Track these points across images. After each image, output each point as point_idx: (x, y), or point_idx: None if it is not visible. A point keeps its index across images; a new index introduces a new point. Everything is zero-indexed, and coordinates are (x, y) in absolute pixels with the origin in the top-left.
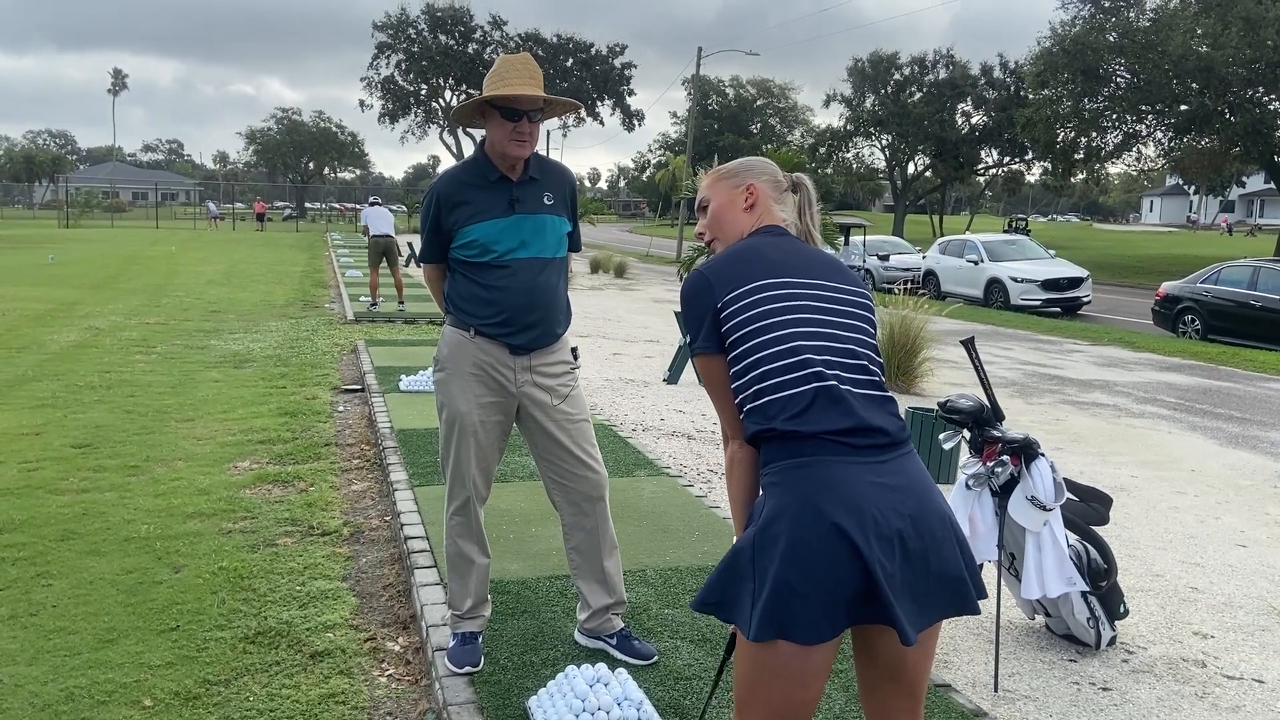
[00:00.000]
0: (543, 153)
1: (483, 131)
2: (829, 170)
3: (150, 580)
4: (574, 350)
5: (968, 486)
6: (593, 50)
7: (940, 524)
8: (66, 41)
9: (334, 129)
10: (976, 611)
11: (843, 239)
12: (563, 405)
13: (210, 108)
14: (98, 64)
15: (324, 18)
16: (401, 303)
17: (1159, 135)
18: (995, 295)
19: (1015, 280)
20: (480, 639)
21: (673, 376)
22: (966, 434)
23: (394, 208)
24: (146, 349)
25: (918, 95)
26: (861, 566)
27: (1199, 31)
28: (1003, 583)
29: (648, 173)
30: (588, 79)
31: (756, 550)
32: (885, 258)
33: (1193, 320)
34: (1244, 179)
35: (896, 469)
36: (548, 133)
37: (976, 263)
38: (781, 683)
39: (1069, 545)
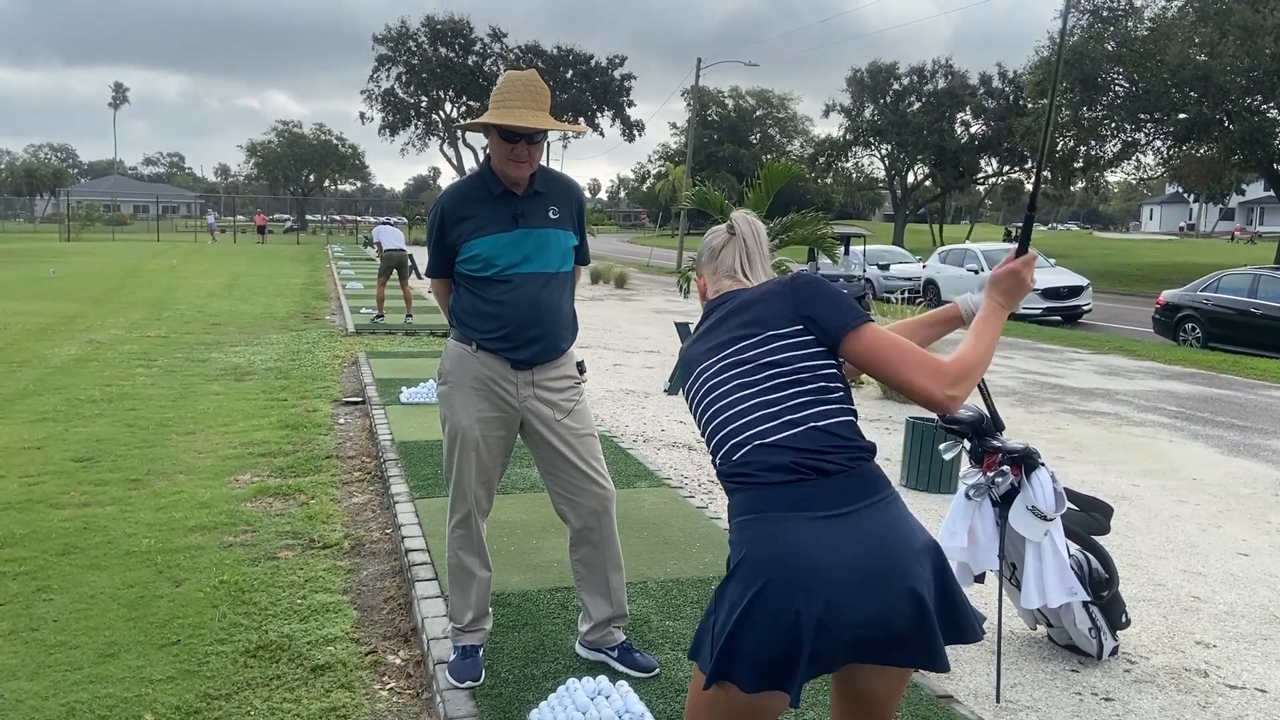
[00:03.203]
0: (546, 165)
1: (485, 141)
2: (829, 180)
3: (151, 594)
4: (580, 364)
5: (968, 497)
6: (592, 62)
7: (902, 588)
8: (74, 56)
9: (334, 141)
10: (937, 668)
11: (843, 248)
12: (567, 420)
13: (215, 121)
14: (105, 78)
15: (330, 31)
16: (409, 315)
17: (1158, 143)
18: None
19: None
20: (481, 652)
21: (673, 387)
22: (967, 444)
23: (395, 219)
24: (147, 362)
25: (917, 105)
26: (798, 645)
27: (1197, 40)
28: (1004, 593)
29: (648, 183)
30: (587, 90)
31: (722, 590)
32: (885, 267)
33: (1193, 328)
34: (1243, 187)
35: (857, 525)
36: (547, 144)
37: (977, 272)
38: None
39: (1070, 555)
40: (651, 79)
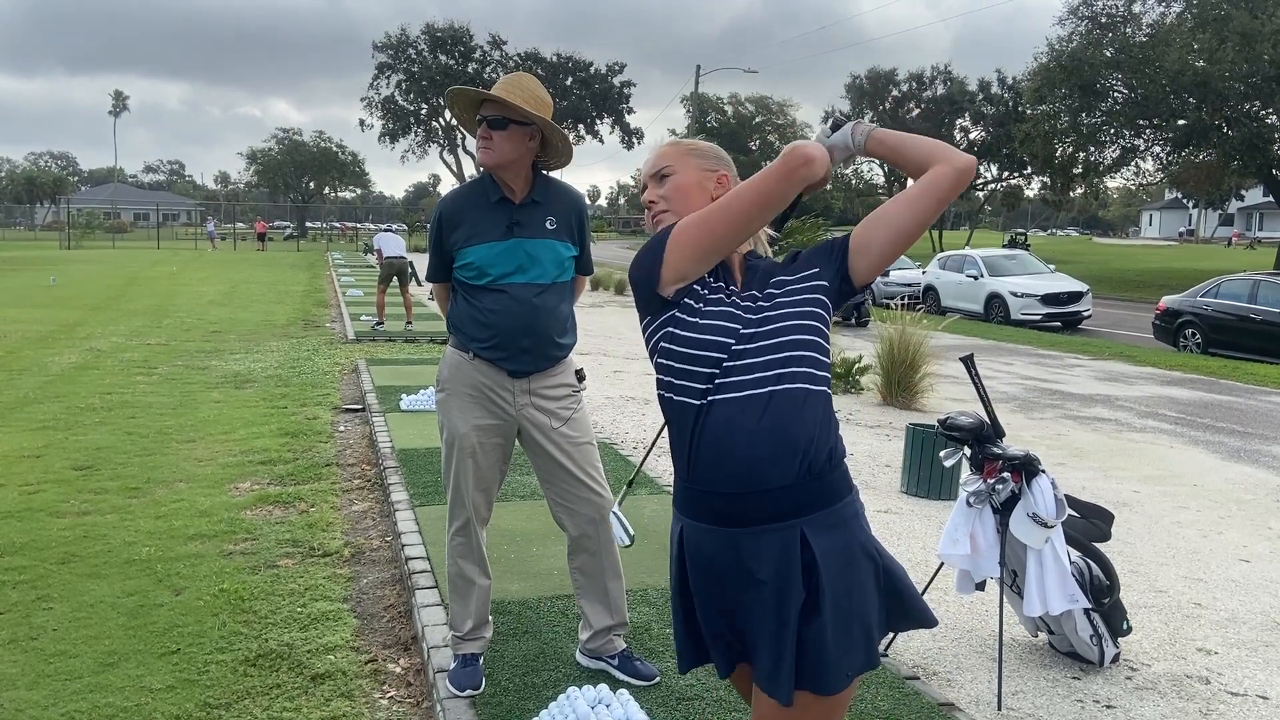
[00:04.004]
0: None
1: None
2: (828, 186)
3: (151, 603)
4: (579, 372)
5: (969, 504)
6: (592, 69)
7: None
8: (77, 64)
9: (334, 149)
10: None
11: None
12: (564, 428)
13: (216, 129)
14: (107, 86)
15: (332, 39)
16: (409, 323)
17: (1157, 149)
18: (995, 310)
19: (1015, 295)
20: (481, 660)
21: None
22: (967, 451)
23: (396, 227)
24: (147, 370)
25: (916, 111)
26: None
27: (1195, 46)
28: (1005, 600)
29: None
30: (587, 97)
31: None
32: (885, 273)
33: (1193, 334)
34: (1242, 192)
35: None
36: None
37: (976, 278)
38: None
39: (1071, 562)
40: (651, 86)
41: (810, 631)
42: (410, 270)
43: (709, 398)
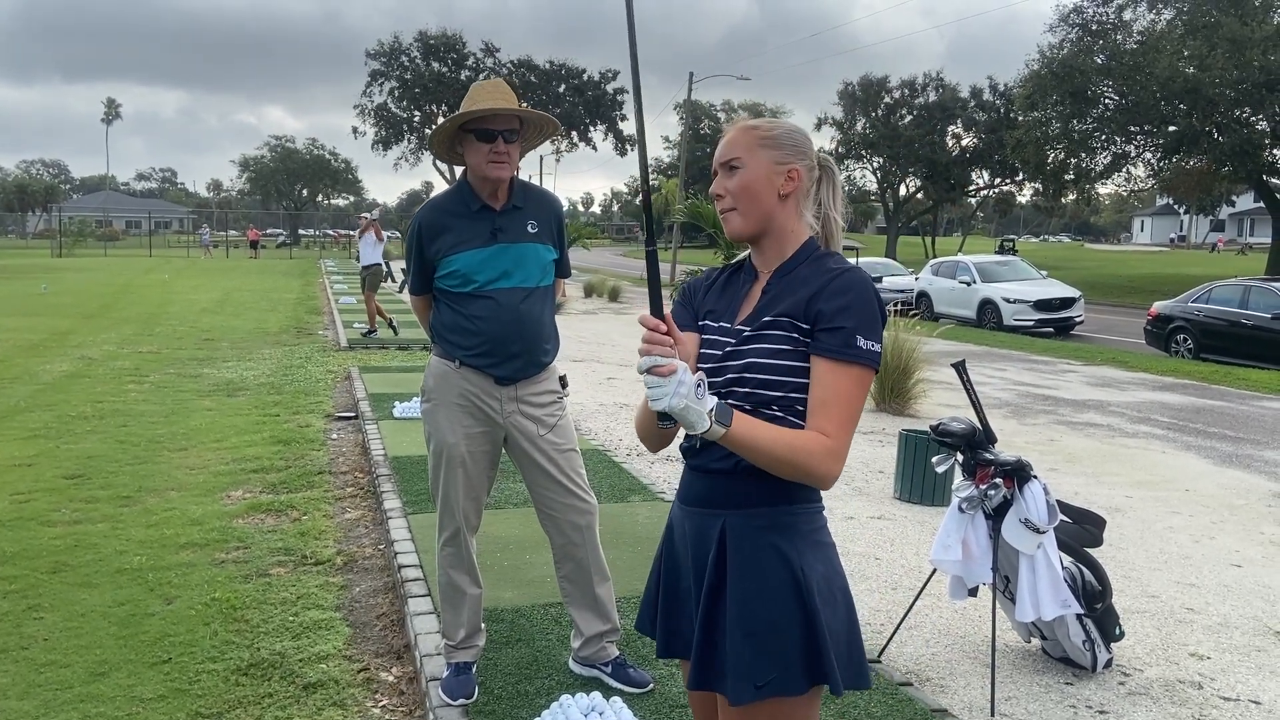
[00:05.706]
0: (535, 178)
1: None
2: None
3: (142, 612)
4: (562, 379)
5: (961, 510)
6: (585, 76)
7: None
8: (74, 72)
9: (327, 156)
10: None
11: None
12: (550, 435)
13: (212, 137)
14: (104, 94)
15: (329, 46)
16: (395, 330)
17: (1148, 156)
18: (988, 316)
19: (1008, 301)
20: (474, 669)
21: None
22: (959, 457)
23: (392, 234)
24: (139, 378)
25: (908, 118)
26: None
27: (1185, 53)
28: (998, 606)
29: (640, 197)
30: (580, 104)
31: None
32: (878, 279)
33: (1185, 339)
34: (1234, 198)
35: None
36: (540, 158)
37: (969, 284)
38: None
39: (1063, 567)
40: (645, 93)
41: (718, 632)
42: (386, 270)
43: None
